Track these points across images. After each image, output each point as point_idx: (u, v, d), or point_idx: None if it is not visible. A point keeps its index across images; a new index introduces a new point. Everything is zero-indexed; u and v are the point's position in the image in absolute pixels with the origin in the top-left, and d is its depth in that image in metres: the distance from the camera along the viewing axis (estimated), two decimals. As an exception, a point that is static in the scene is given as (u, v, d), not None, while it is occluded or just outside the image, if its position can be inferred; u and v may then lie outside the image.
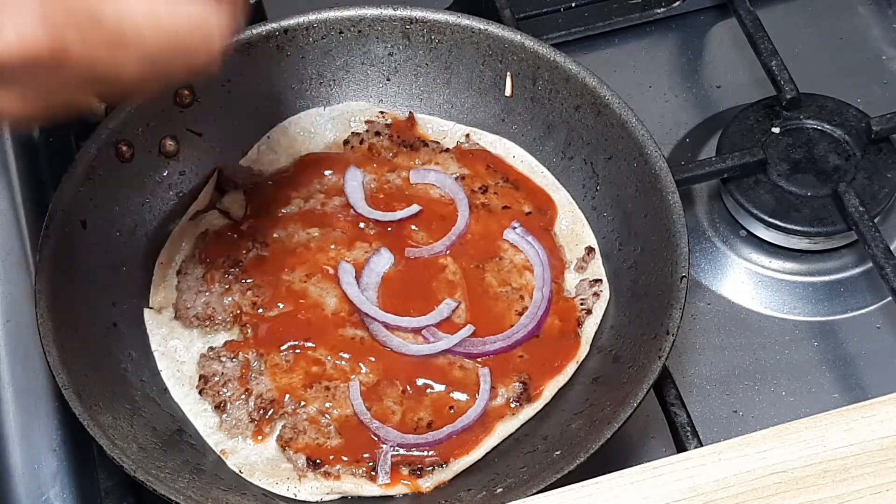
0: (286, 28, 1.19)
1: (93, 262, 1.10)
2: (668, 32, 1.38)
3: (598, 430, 0.99)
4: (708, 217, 1.26)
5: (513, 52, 1.19)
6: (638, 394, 1.00)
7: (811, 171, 1.23)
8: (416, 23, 1.20)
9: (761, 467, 0.87)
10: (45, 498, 1.09)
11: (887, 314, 1.19)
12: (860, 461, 0.87)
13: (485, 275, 1.12)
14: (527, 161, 1.20)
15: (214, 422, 1.07)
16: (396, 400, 1.06)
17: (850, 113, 1.26)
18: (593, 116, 1.16)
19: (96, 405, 1.01)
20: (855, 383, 1.16)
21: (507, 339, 1.09)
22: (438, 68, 1.22)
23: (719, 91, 1.34)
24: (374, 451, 1.04)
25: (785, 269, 1.22)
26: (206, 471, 1.03)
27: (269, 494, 1.03)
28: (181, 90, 1.16)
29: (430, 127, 1.22)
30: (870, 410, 0.90)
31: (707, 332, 1.19)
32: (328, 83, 1.22)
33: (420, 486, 1.03)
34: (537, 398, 1.07)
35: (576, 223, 1.16)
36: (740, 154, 1.22)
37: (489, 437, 1.05)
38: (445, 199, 1.16)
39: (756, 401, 1.15)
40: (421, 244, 1.14)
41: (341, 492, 1.03)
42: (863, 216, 1.17)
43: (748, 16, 1.30)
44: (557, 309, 1.11)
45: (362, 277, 1.11)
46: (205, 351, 1.09)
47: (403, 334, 1.09)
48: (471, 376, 1.07)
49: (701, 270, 1.23)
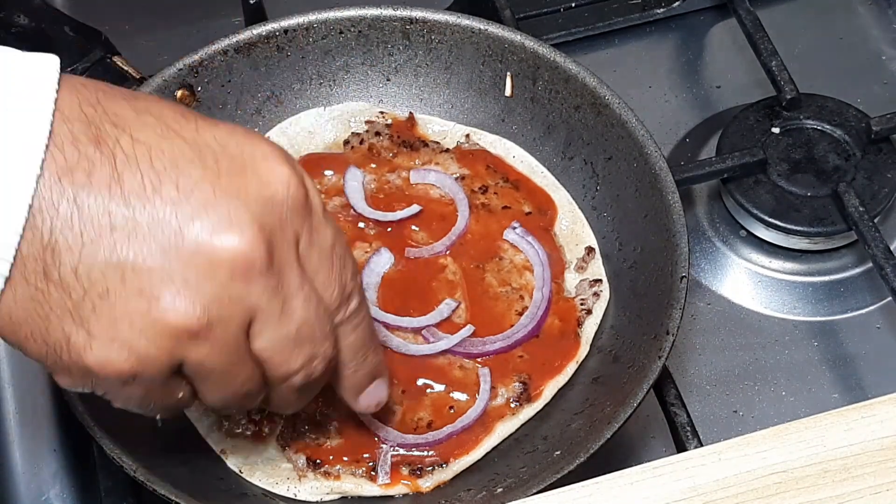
0: (286, 28, 1.19)
1: (93, 262, 1.10)
2: (668, 32, 1.38)
3: (598, 430, 0.99)
4: (708, 217, 1.26)
5: (513, 52, 1.19)
6: (638, 394, 1.00)
7: (811, 171, 1.23)
8: (416, 23, 1.20)
9: (761, 467, 0.87)
10: (45, 498, 1.09)
11: (887, 314, 1.19)
12: (860, 461, 0.87)
13: (485, 275, 1.12)
14: (527, 161, 1.20)
15: (214, 421, 1.07)
16: (396, 400, 1.06)
17: (850, 113, 1.26)
18: (593, 116, 1.16)
19: (96, 405, 1.01)
20: (855, 383, 1.16)
21: (507, 339, 1.09)
22: (438, 68, 1.22)
23: (719, 91, 1.34)
24: (374, 451, 1.04)
25: (785, 269, 1.22)
26: (206, 471, 1.03)
27: (269, 494, 1.03)
28: (181, 90, 1.16)
29: (430, 127, 1.22)
30: (870, 410, 0.90)
31: (707, 332, 1.19)
32: (328, 83, 1.22)
33: (420, 486, 1.03)
34: (537, 398, 1.07)
35: (576, 223, 1.16)
36: (740, 154, 1.22)
37: (489, 437, 1.05)
38: (445, 199, 1.16)
39: (756, 401, 1.15)
40: (421, 244, 1.14)
41: (341, 492, 1.03)
42: (863, 216, 1.17)
43: (748, 16, 1.30)
44: (557, 309, 1.11)
45: (362, 277, 1.11)
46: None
47: (403, 334, 1.09)
48: (471, 376, 1.07)
49: (701, 270, 1.23)
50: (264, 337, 0.84)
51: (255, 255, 0.80)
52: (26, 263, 0.78)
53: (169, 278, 0.79)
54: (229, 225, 0.80)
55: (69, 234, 0.78)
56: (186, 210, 0.79)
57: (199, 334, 0.81)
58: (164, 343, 0.80)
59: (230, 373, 0.85)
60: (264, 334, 0.84)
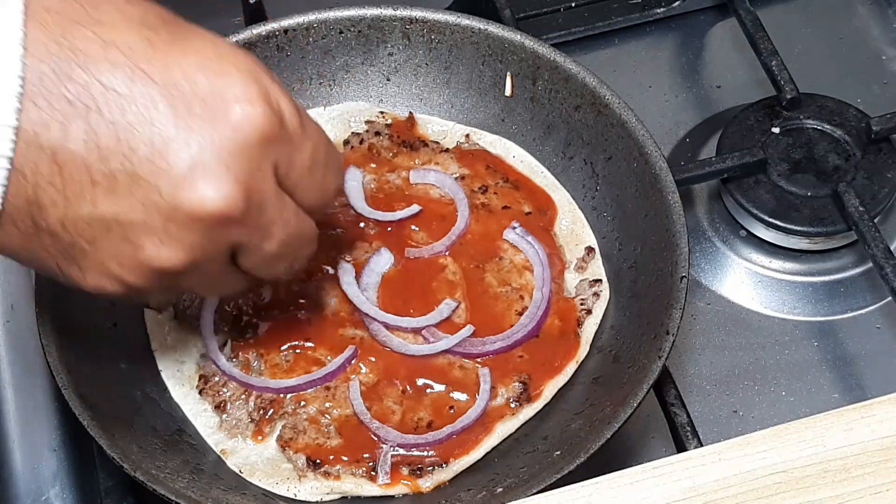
0: (286, 28, 1.19)
1: (93, 262, 1.10)
2: (668, 32, 1.38)
3: (598, 430, 0.99)
4: (708, 217, 1.26)
5: (513, 52, 1.19)
6: (638, 394, 1.00)
7: (811, 171, 1.23)
8: (416, 23, 1.20)
9: (761, 467, 0.87)
10: (45, 498, 1.09)
11: (887, 314, 1.19)
12: (860, 461, 0.87)
13: (485, 275, 1.12)
14: (527, 161, 1.20)
15: (214, 422, 1.07)
16: (396, 400, 1.06)
17: (850, 113, 1.26)
18: (593, 116, 1.16)
19: (96, 405, 1.01)
20: (855, 383, 1.16)
21: (506, 339, 1.09)
22: (438, 68, 1.22)
23: (719, 91, 1.34)
24: (374, 451, 1.04)
25: (785, 269, 1.22)
26: (206, 471, 1.03)
27: (269, 494, 1.03)
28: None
29: (430, 127, 1.22)
30: (870, 410, 0.90)
31: (707, 332, 1.19)
32: (328, 83, 1.22)
33: (420, 486, 1.03)
34: (537, 398, 1.07)
35: (576, 223, 1.16)
36: (740, 154, 1.22)
37: (489, 437, 1.05)
38: (445, 199, 1.16)
39: (756, 401, 1.15)
40: (421, 244, 1.14)
41: (341, 492, 1.03)
42: (863, 216, 1.17)
43: (748, 16, 1.30)
44: (557, 309, 1.11)
45: (362, 277, 1.11)
46: (205, 351, 1.09)
47: (403, 334, 1.09)
48: (471, 376, 1.07)
49: (701, 270, 1.23)
50: (248, 260, 0.90)
51: (232, 205, 0.84)
52: (14, 213, 0.82)
53: (151, 230, 0.83)
54: (205, 180, 0.83)
55: (52, 190, 0.81)
56: (162, 167, 0.82)
57: (184, 272, 0.86)
58: (152, 278, 0.86)
59: (218, 286, 0.94)
60: (248, 259, 0.90)
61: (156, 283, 0.87)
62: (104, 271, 0.85)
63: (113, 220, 0.83)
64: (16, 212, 0.82)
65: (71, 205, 0.82)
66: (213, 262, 0.88)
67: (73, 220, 0.82)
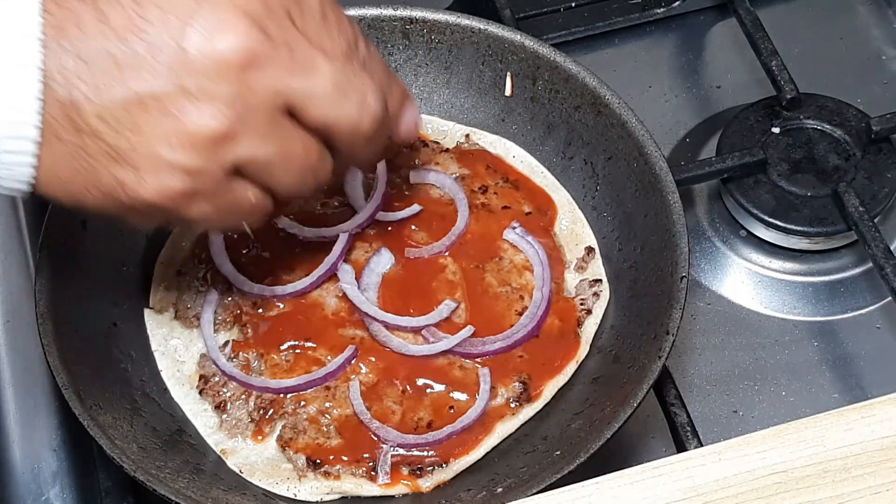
0: (286, 28, 1.19)
1: (93, 261, 1.10)
2: (668, 32, 1.38)
3: (598, 430, 0.99)
4: (708, 217, 1.26)
5: (513, 52, 1.19)
6: (638, 394, 1.00)
7: (811, 171, 1.23)
8: (416, 23, 1.20)
9: (761, 467, 0.87)
10: (45, 498, 1.09)
11: (887, 314, 1.19)
12: (860, 461, 0.87)
13: (485, 275, 1.12)
14: (527, 161, 1.20)
15: (214, 422, 1.07)
16: (396, 400, 1.06)
17: (850, 113, 1.26)
18: (593, 116, 1.16)
19: (96, 405, 1.01)
20: (855, 383, 1.16)
21: (506, 339, 1.09)
22: (438, 68, 1.22)
23: (719, 91, 1.34)
24: (374, 451, 1.04)
25: (785, 269, 1.22)
26: (206, 471, 1.03)
27: (269, 494, 1.03)
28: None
29: (430, 127, 1.22)
30: (870, 410, 0.90)
31: (707, 332, 1.19)
32: (328, 83, 1.22)
33: (420, 486, 1.03)
34: (537, 398, 1.07)
35: (576, 223, 1.16)
36: (740, 154, 1.22)
37: (489, 437, 1.05)
38: (445, 199, 1.16)
39: (756, 401, 1.15)
40: (421, 244, 1.14)
41: (341, 492, 1.03)
42: (863, 216, 1.17)
43: (748, 16, 1.30)
44: (557, 309, 1.11)
45: (362, 277, 1.11)
46: (205, 351, 1.09)
47: (403, 334, 1.09)
48: (471, 376, 1.07)
49: (701, 270, 1.23)
50: (309, 106, 0.88)
51: (254, 42, 0.84)
52: (54, 124, 0.82)
53: (186, 92, 0.83)
54: (220, 26, 0.83)
55: (83, 86, 0.82)
56: (176, 25, 0.83)
57: (237, 132, 0.85)
58: (207, 151, 0.85)
59: (285, 153, 0.89)
60: (307, 104, 0.88)
61: (212, 160, 0.85)
62: (158, 162, 0.84)
63: (148, 96, 0.83)
64: (55, 122, 0.83)
65: (103, 93, 0.83)
66: (260, 115, 0.86)
67: (111, 109, 0.83)
